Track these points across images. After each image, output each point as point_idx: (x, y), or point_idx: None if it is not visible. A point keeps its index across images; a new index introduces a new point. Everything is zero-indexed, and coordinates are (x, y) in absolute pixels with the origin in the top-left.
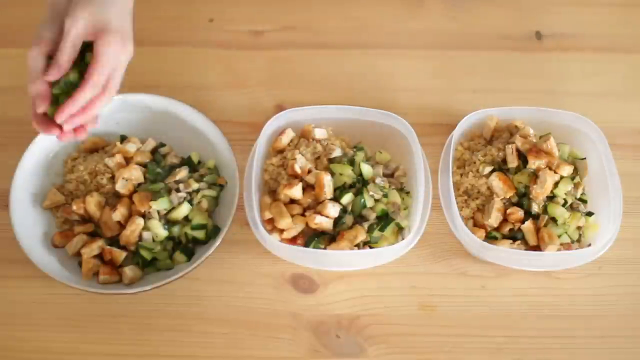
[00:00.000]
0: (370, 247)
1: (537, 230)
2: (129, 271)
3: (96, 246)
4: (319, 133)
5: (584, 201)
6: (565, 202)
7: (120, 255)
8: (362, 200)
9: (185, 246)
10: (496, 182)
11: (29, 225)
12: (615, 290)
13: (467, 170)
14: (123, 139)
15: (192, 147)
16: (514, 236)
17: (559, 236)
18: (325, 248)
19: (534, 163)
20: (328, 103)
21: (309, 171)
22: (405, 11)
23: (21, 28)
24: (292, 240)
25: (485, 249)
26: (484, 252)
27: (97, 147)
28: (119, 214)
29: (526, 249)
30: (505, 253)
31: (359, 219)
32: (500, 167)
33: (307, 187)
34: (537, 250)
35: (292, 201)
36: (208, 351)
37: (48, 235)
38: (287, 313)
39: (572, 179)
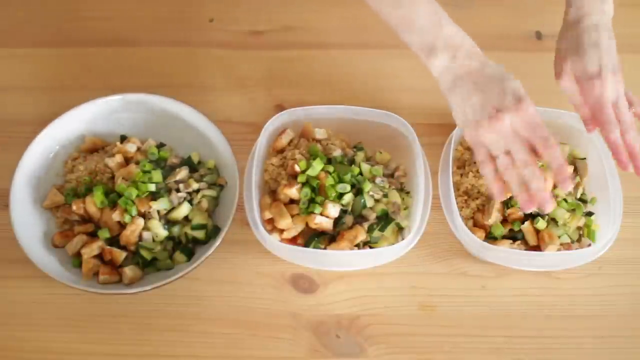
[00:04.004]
0: (370, 247)
1: (537, 230)
2: (129, 271)
3: (96, 246)
4: (319, 133)
5: (584, 201)
6: (566, 202)
7: (120, 255)
8: (362, 200)
9: (185, 246)
10: None
11: (29, 225)
12: (615, 290)
13: (467, 170)
14: (123, 139)
15: (192, 147)
16: (514, 236)
17: (559, 236)
18: (325, 248)
19: None
20: (328, 103)
21: None
22: None
23: (21, 28)
24: (292, 240)
25: (485, 249)
26: (484, 252)
27: (97, 147)
28: (118, 214)
29: (526, 249)
30: (505, 253)
31: (359, 219)
32: None
33: None
34: (537, 250)
35: (292, 201)
36: (208, 351)
37: (48, 235)
38: (287, 313)
39: (572, 179)
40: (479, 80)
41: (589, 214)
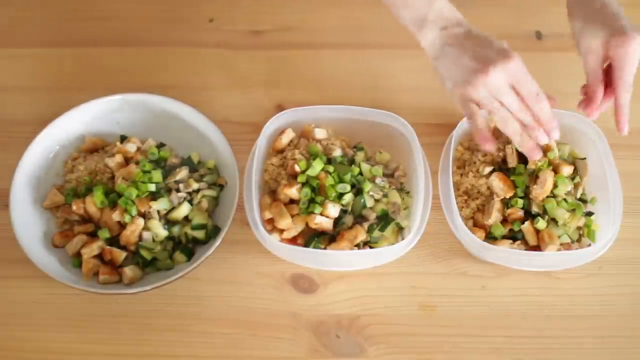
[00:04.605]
0: (370, 247)
1: (537, 230)
2: (129, 271)
3: (96, 246)
4: (319, 133)
5: (584, 201)
6: (566, 202)
7: (120, 255)
8: (362, 200)
9: (185, 246)
10: (496, 182)
11: (29, 225)
12: (615, 290)
13: (467, 170)
14: (123, 139)
15: (192, 147)
16: (514, 236)
17: (559, 236)
18: (325, 248)
19: (534, 163)
20: (328, 103)
21: None
22: None
23: (21, 28)
24: (292, 240)
25: (485, 249)
26: (484, 252)
27: (97, 147)
28: (118, 214)
29: (526, 249)
30: (505, 253)
31: (359, 219)
32: (500, 167)
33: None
34: (537, 250)
35: (292, 201)
36: (208, 351)
37: (48, 235)
38: (287, 313)
39: (572, 179)
40: (467, 42)
41: (589, 214)
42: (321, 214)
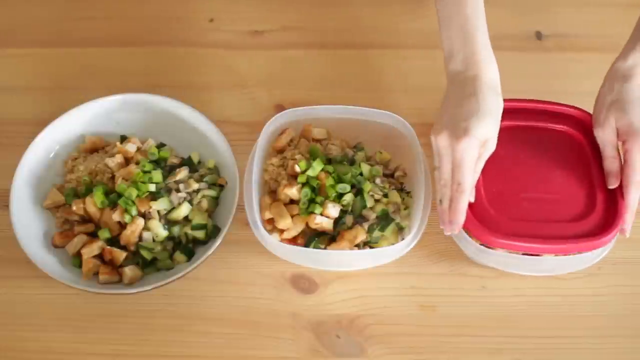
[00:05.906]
0: (370, 247)
1: None
2: (129, 271)
3: (96, 246)
4: (319, 133)
5: None
6: None
7: (121, 255)
8: (362, 200)
9: (185, 246)
10: None
11: (29, 225)
12: (615, 290)
13: None
14: (123, 139)
15: (192, 147)
16: None
17: None
18: (325, 248)
19: None
20: (328, 103)
21: None
22: (405, 11)
23: (21, 28)
24: (292, 240)
25: (483, 253)
26: (482, 256)
27: (97, 147)
28: (118, 214)
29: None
30: (503, 257)
31: (359, 219)
32: None
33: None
34: None
35: (292, 201)
36: (208, 351)
37: (48, 235)
38: (287, 313)
39: None
40: (464, 101)
41: None
42: (321, 214)
